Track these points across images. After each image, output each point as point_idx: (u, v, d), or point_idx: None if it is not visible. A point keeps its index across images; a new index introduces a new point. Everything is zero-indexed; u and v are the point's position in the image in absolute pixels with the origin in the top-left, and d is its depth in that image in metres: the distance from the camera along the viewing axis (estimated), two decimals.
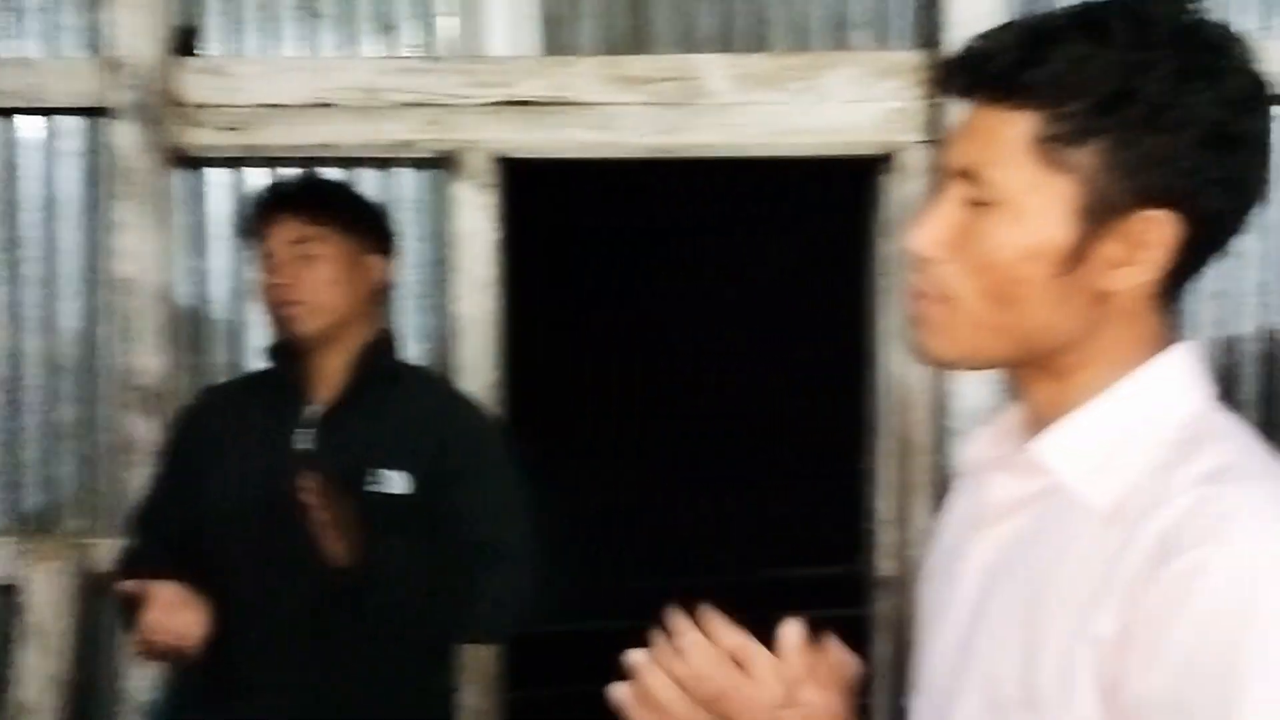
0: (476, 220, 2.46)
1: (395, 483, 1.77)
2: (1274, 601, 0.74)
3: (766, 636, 0.83)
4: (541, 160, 2.50)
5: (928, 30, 2.45)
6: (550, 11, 2.54)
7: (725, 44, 2.52)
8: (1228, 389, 2.40)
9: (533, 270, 3.22)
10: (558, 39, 2.54)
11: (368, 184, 2.46)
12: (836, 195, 2.82)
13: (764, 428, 4.64)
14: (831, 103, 2.42)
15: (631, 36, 2.55)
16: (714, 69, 2.46)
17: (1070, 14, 0.84)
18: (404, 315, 2.46)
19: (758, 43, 2.52)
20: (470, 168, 2.46)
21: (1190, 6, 0.83)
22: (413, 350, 2.45)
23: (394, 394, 1.86)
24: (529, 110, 2.46)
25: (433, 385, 2.05)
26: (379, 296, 1.90)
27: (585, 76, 2.46)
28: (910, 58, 2.43)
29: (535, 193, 2.65)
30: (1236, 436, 0.85)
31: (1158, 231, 0.82)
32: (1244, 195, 0.84)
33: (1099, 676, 0.79)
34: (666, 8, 2.54)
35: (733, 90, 2.45)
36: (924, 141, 2.39)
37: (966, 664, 0.90)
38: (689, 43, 2.53)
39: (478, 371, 2.45)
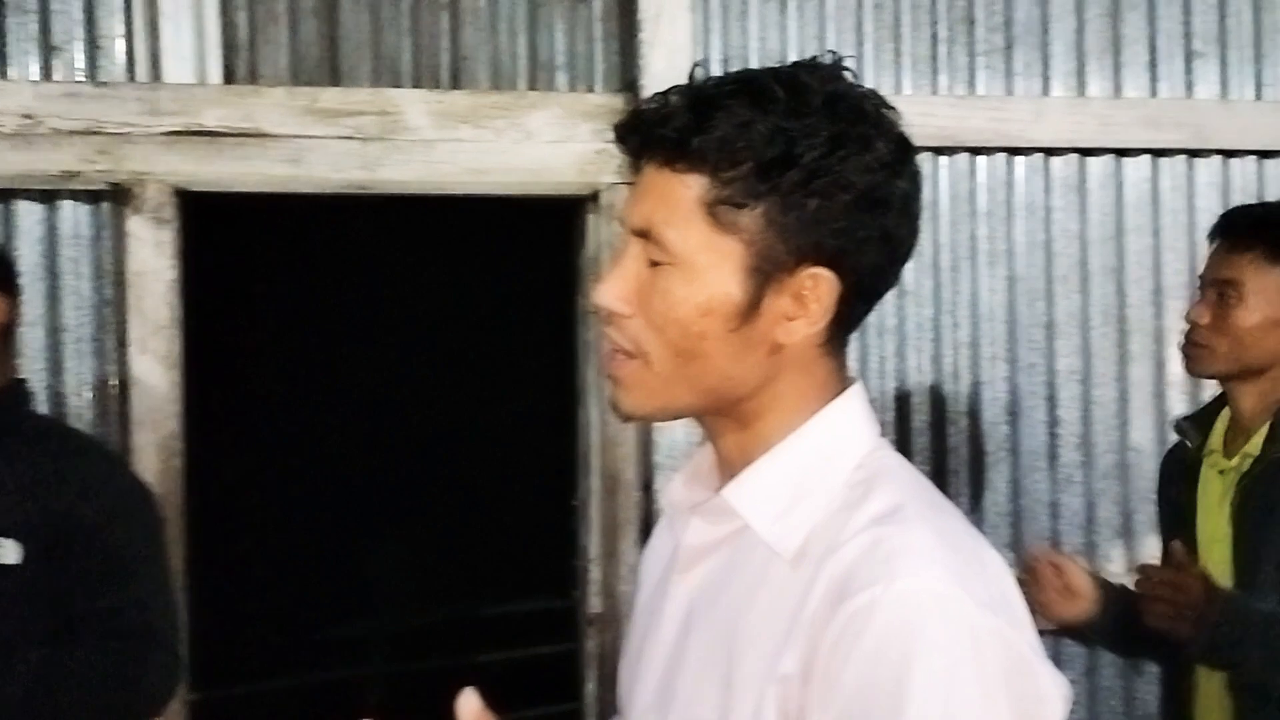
0: (152, 257, 2.24)
1: (4, 552, 1.54)
2: (934, 637, 0.77)
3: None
4: (227, 194, 2.32)
5: (626, 74, 2.46)
6: (232, 38, 2.37)
7: (422, 79, 2.43)
8: (900, 421, 2.54)
9: (219, 311, 3.00)
10: (242, 67, 2.37)
11: (27, 218, 2.20)
12: (546, 234, 2.79)
13: (477, 466, 4.54)
14: (533, 142, 2.37)
15: (323, 68, 2.41)
16: (413, 104, 2.35)
17: (734, 81, 0.86)
18: (69, 361, 2.21)
19: (456, 79, 2.45)
20: (145, 201, 2.23)
21: (840, 75, 0.87)
22: (79, 401, 2.21)
23: (14, 451, 1.61)
24: (211, 141, 2.26)
25: (64, 441, 1.78)
26: (2, 341, 1.64)
27: (274, 107, 2.30)
28: (610, 100, 2.42)
29: (224, 229, 2.46)
30: (903, 476, 0.90)
31: (821, 287, 0.86)
32: (896, 250, 0.88)
33: (784, 713, 0.80)
34: (360, 39, 2.42)
35: (433, 126, 2.35)
36: (626, 183, 2.40)
37: (667, 705, 0.90)
38: (384, 76, 2.42)
39: (155, 423, 2.21)
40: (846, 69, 0.88)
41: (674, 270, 0.86)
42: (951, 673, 0.77)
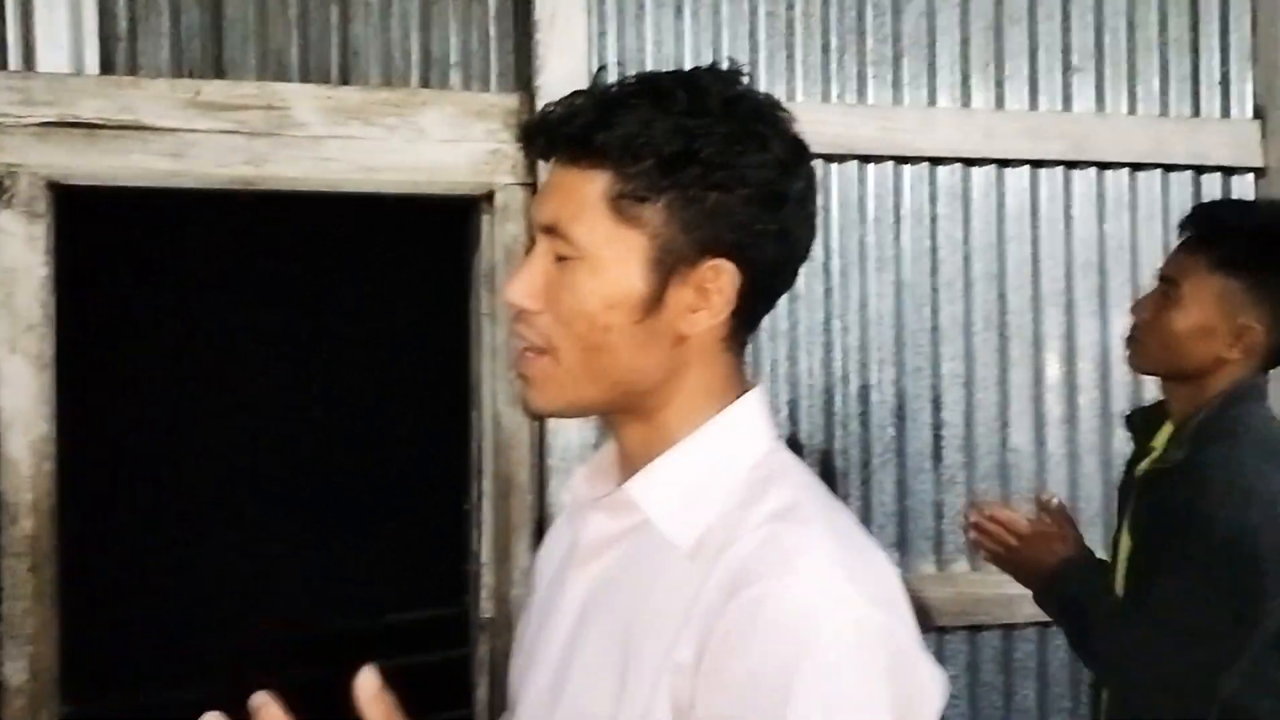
0: (24, 253, 2.12)
1: None
2: (825, 630, 0.79)
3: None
4: (104, 189, 2.22)
5: (522, 74, 2.43)
6: (111, 27, 2.26)
7: (310, 73, 2.35)
8: (792, 423, 2.56)
9: (95, 309, 2.87)
10: (121, 58, 2.27)
11: None
12: (440, 234, 2.74)
13: (367, 470, 4.43)
14: (426, 141, 2.32)
15: (206, 59, 2.32)
16: (301, 99, 2.28)
17: (637, 82, 0.90)
18: None
19: (346, 74, 2.38)
20: (17, 194, 2.12)
21: (738, 79, 0.90)
22: None
23: None
24: (87, 133, 2.16)
25: None
26: None
27: (155, 99, 2.20)
28: (505, 101, 2.38)
29: (102, 224, 2.35)
30: (799, 476, 0.92)
31: (721, 278, 0.89)
32: (794, 247, 0.92)
33: (675, 701, 0.82)
34: (246, 31, 2.33)
35: (322, 122, 2.28)
36: (521, 184, 2.36)
37: (559, 698, 0.91)
38: (271, 69, 2.34)
39: (25, 425, 2.10)
40: (744, 74, 0.91)
41: (580, 264, 0.88)
42: (837, 665, 0.79)
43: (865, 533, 0.91)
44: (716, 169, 0.86)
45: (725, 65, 0.92)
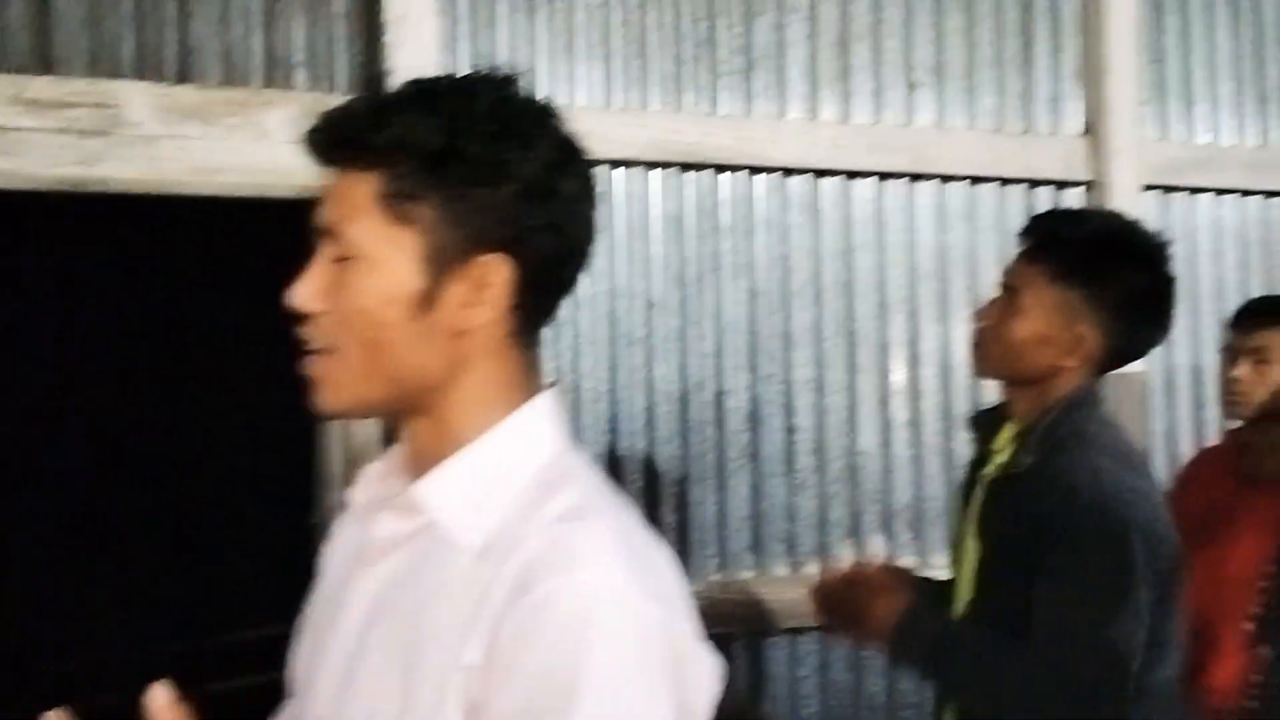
0: None
1: None
2: (610, 628, 0.82)
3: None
4: None
5: (370, 76, 2.36)
6: None
7: (145, 71, 2.23)
8: (649, 429, 2.56)
9: None
10: None
11: None
12: (282, 238, 2.64)
13: (210, 485, 4.25)
14: (270, 142, 2.22)
15: (34, 55, 2.18)
16: (135, 97, 2.15)
17: (410, 85, 0.92)
18: None
19: (184, 73, 2.26)
20: None
21: (511, 82, 0.92)
22: None
23: None
24: None
25: None
26: None
27: None
28: None
29: None
30: (587, 478, 0.93)
31: (495, 273, 0.90)
32: (569, 242, 0.93)
33: (466, 702, 0.83)
34: (76, 25, 2.20)
35: (157, 121, 2.16)
36: None
37: (346, 699, 0.91)
38: (103, 66, 2.21)
39: None
40: (518, 78, 0.93)
41: (357, 264, 0.89)
42: (619, 660, 0.82)
43: (648, 532, 0.94)
44: (482, 165, 0.88)
45: (503, 71, 0.94)
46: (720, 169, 2.59)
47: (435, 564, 0.90)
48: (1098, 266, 1.66)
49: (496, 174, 0.89)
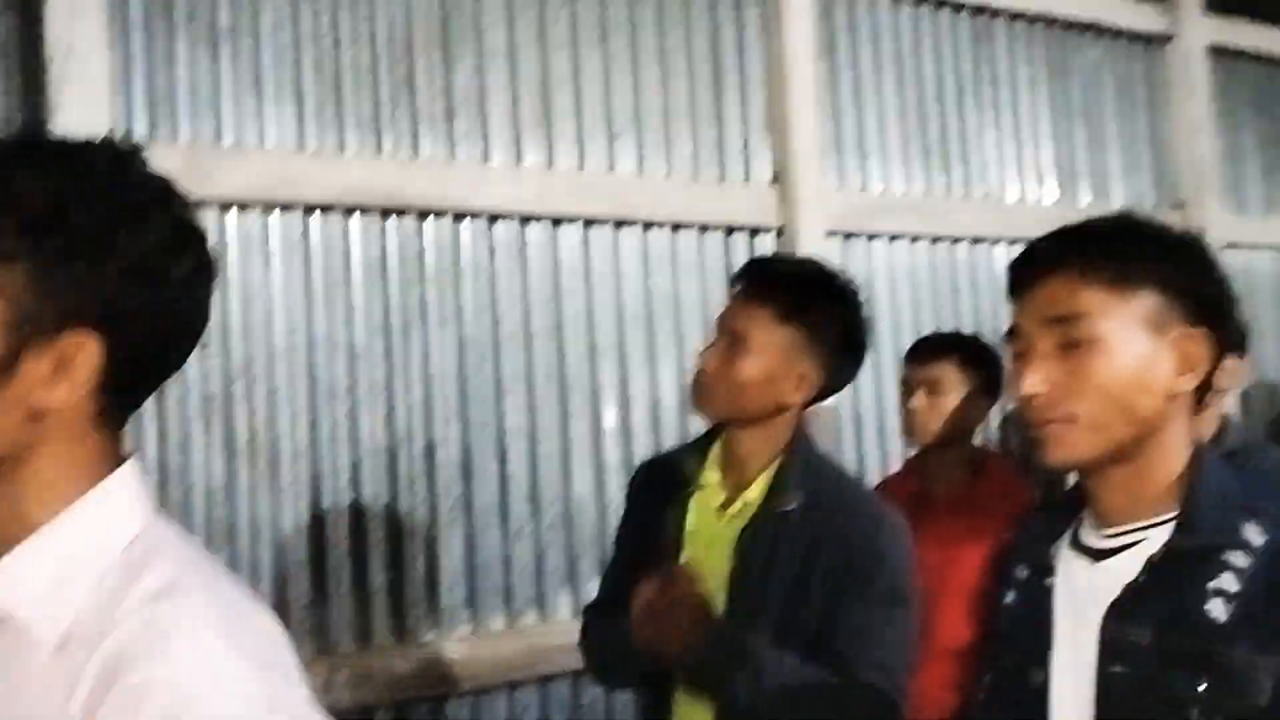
0: None
1: None
2: (211, 709, 0.76)
3: None
4: None
5: (33, 115, 2.12)
6: None
7: None
8: (354, 487, 2.43)
9: None
10: None
11: None
12: None
13: None
14: None
15: None
16: None
17: (20, 140, 0.88)
18: None
19: None
20: None
21: (135, 153, 0.86)
22: None
23: None
24: None
25: None
26: None
27: None
28: None
29: None
30: (179, 551, 0.87)
31: (84, 352, 0.82)
32: (175, 323, 0.87)
33: None
34: None
35: None
36: None
37: None
38: None
39: None
40: (142, 151, 0.87)
41: None
42: None
43: (250, 598, 0.88)
44: (86, 238, 0.81)
45: (128, 140, 0.88)
46: (424, 214, 2.51)
47: (14, 663, 0.82)
48: (817, 308, 1.74)
49: (100, 249, 0.82)
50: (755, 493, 1.74)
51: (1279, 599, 1.09)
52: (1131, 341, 1.13)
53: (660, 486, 1.85)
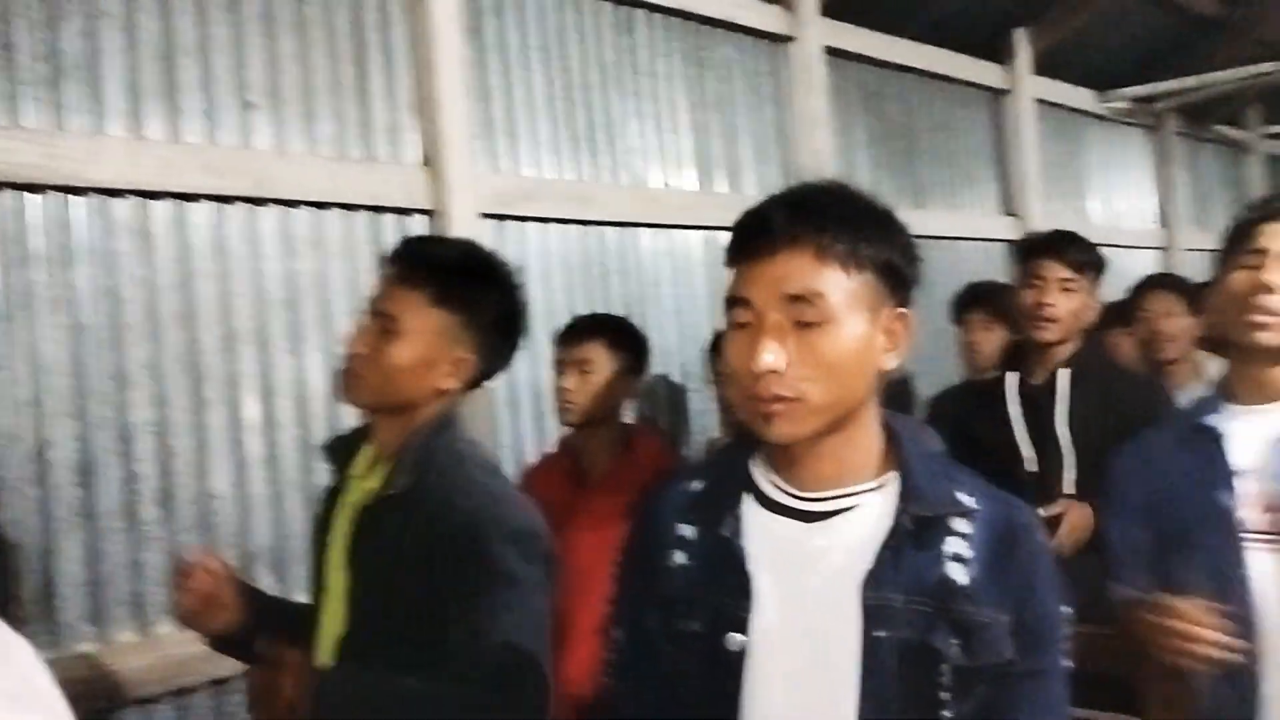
0: None
1: None
2: None
3: None
4: None
5: None
6: None
7: None
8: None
9: None
10: None
11: None
12: None
13: None
14: None
15: None
16: None
17: None
18: None
19: None
20: None
21: None
22: None
23: None
24: None
25: None
26: None
27: None
28: None
29: None
30: None
31: None
32: None
33: None
34: None
35: None
36: None
37: None
38: None
39: None
40: None
41: None
42: None
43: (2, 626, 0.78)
44: None
45: None
46: (28, 189, 2.24)
47: None
48: (474, 291, 1.67)
49: None
50: (375, 480, 1.66)
51: (1007, 562, 1.17)
52: (856, 322, 1.14)
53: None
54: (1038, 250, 2.66)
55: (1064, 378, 2.59)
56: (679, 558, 1.24)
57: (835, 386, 1.14)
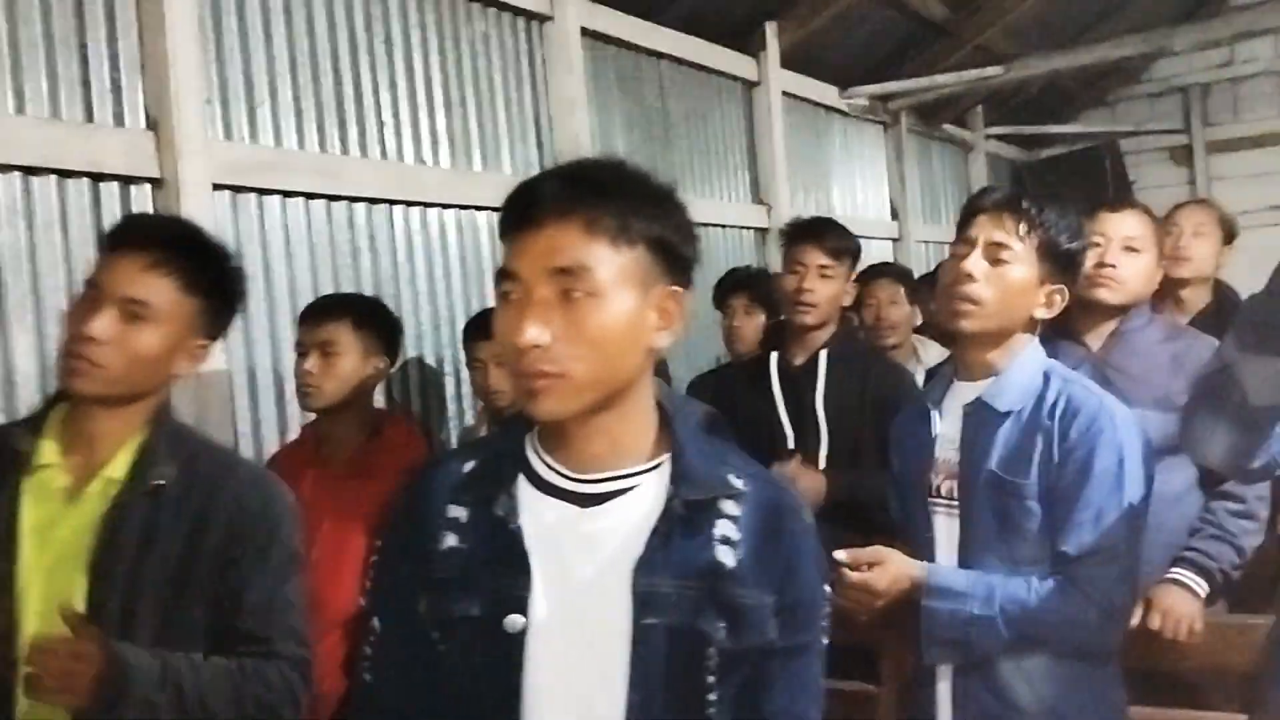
0: None
1: None
2: None
3: None
4: None
5: None
6: None
7: None
8: None
9: None
10: None
11: None
12: None
13: None
14: None
15: None
16: None
17: None
18: None
19: None
20: None
21: None
22: None
23: None
24: None
25: None
26: None
27: None
28: None
29: None
30: None
31: None
32: None
33: None
34: None
35: None
36: None
37: None
38: None
39: None
40: None
41: None
42: None
43: None
44: None
45: None
46: None
47: None
48: (221, 278, 1.64)
49: None
50: (119, 470, 1.56)
51: (773, 543, 1.18)
52: (625, 298, 1.12)
53: None
54: (798, 236, 2.80)
55: (823, 359, 2.71)
56: (450, 540, 1.19)
57: (602, 362, 1.12)
